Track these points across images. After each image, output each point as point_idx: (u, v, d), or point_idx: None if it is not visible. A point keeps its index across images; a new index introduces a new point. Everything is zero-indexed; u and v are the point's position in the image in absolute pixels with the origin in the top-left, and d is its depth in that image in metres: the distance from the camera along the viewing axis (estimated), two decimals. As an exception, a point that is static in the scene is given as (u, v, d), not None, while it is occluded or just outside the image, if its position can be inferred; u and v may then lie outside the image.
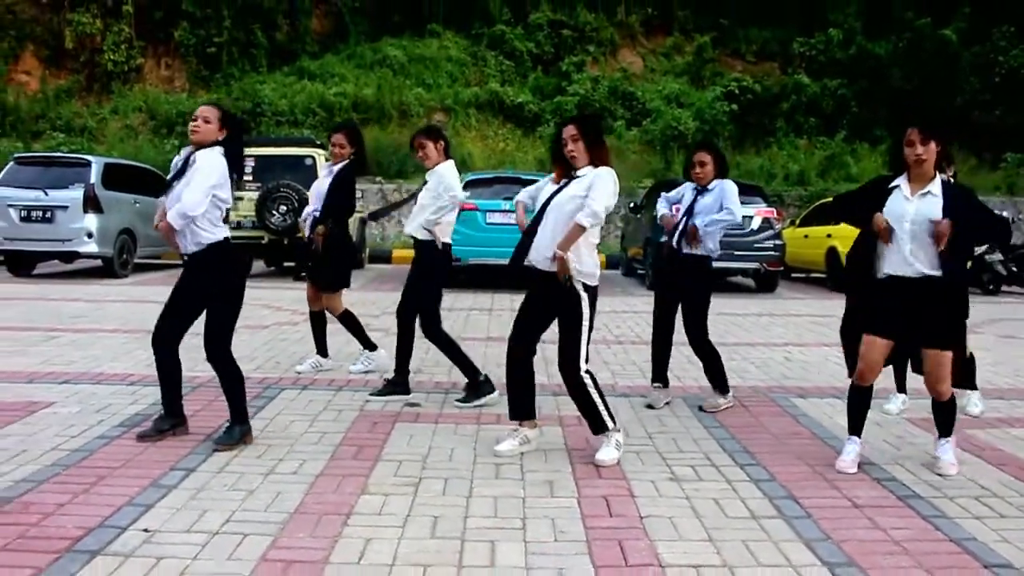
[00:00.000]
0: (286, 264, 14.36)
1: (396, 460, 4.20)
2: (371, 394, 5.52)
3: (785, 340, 8.37)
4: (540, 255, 4.24)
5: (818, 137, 23.47)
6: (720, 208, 5.36)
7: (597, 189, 4.14)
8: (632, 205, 15.22)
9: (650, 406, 5.45)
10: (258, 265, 14.52)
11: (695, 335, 5.45)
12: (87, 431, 4.55)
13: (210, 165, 4.25)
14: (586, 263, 4.22)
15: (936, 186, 4.09)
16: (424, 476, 3.98)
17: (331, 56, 26.49)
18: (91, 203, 12.30)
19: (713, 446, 4.61)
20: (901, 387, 5.56)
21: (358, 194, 17.41)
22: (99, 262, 13.23)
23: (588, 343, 4.27)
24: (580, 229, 4.11)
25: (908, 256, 4.08)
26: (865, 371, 4.25)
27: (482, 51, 26.83)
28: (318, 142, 14.64)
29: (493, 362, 6.77)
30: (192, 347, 4.77)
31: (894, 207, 4.12)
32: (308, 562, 3.01)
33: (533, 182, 4.83)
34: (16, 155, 13.81)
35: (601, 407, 4.29)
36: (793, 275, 15.64)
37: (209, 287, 4.37)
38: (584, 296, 4.21)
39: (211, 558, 3.04)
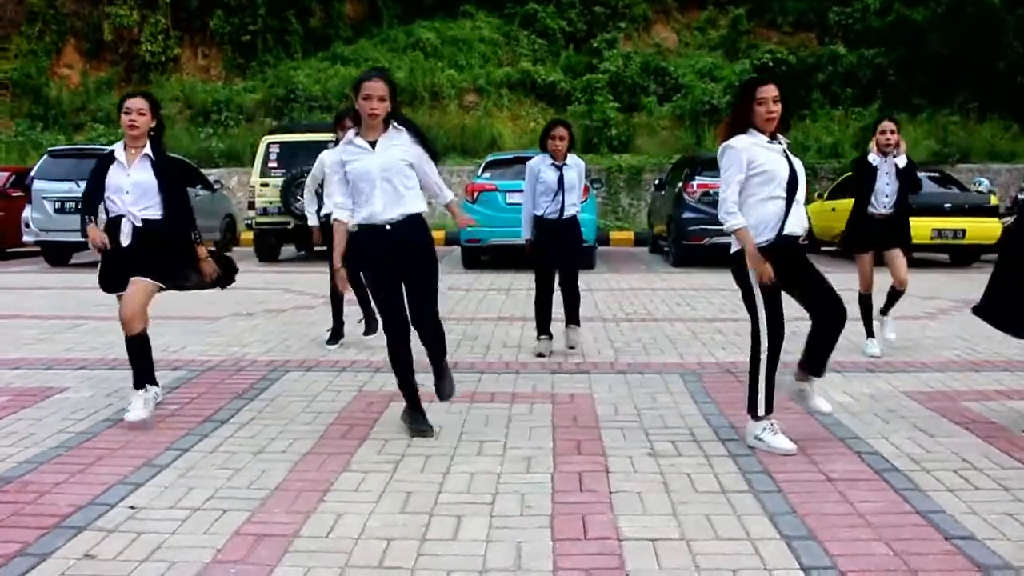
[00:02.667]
0: (316, 248, 14.58)
1: (383, 438, 4.33)
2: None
3: (796, 315, 8.30)
4: None
5: (854, 108, 23.04)
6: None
7: None
8: (658, 182, 15.15)
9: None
10: (288, 250, 14.78)
11: (571, 278, 6.44)
12: (94, 414, 4.76)
13: None
14: None
15: None
16: (407, 453, 4.10)
17: (365, 40, 26.65)
18: (122, 193, 12.61)
19: (699, 421, 4.66)
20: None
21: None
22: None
23: None
24: None
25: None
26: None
27: (515, 30, 26.76)
28: (344, 126, 14.79)
29: (499, 341, 6.90)
30: (192, 331, 4.93)
31: None
32: (278, 536, 3.15)
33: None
34: (49, 148, 14.20)
35: None
36: (822, 248, 15.45)
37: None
38: None
39: (188, 533, 3.19)
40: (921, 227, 12.44)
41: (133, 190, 4.54)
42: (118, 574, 2.86)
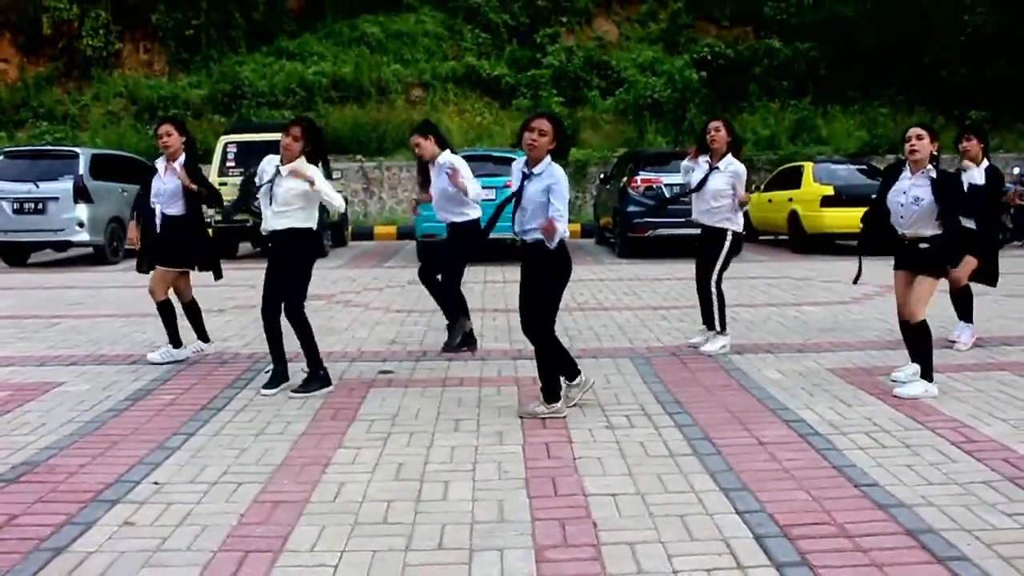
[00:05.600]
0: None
1: (369, 420, 4.84)
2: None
3: (737, 301, 8.98)
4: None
5: (790, 101, 23.98)
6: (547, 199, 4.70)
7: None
8: (603, 176, 15.77)
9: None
10: (245, 247, 15.08)
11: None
12: (97, 405, 5.17)
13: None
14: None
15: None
16: (392, 432, 4.62)
17: (309, 35, 26.75)
18: (81, 193, 12.86)
19: (649, 399, 5.25)
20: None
21: (337, 174, 17.69)
22: (91, 250, 13.78)
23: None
24: None
25: None
26: None
27: (458, 24, 27.13)
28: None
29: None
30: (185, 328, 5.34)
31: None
32: (292, 502, 3.64)
33: (505, 159, 5.47)
34: (5, 149, 14.29)
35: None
36: (760, 238, 16.28)
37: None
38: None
39: (212, 502, 3.67)
40: (851, 217, 13.27)
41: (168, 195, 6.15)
42: (159, 537, 3.33)
